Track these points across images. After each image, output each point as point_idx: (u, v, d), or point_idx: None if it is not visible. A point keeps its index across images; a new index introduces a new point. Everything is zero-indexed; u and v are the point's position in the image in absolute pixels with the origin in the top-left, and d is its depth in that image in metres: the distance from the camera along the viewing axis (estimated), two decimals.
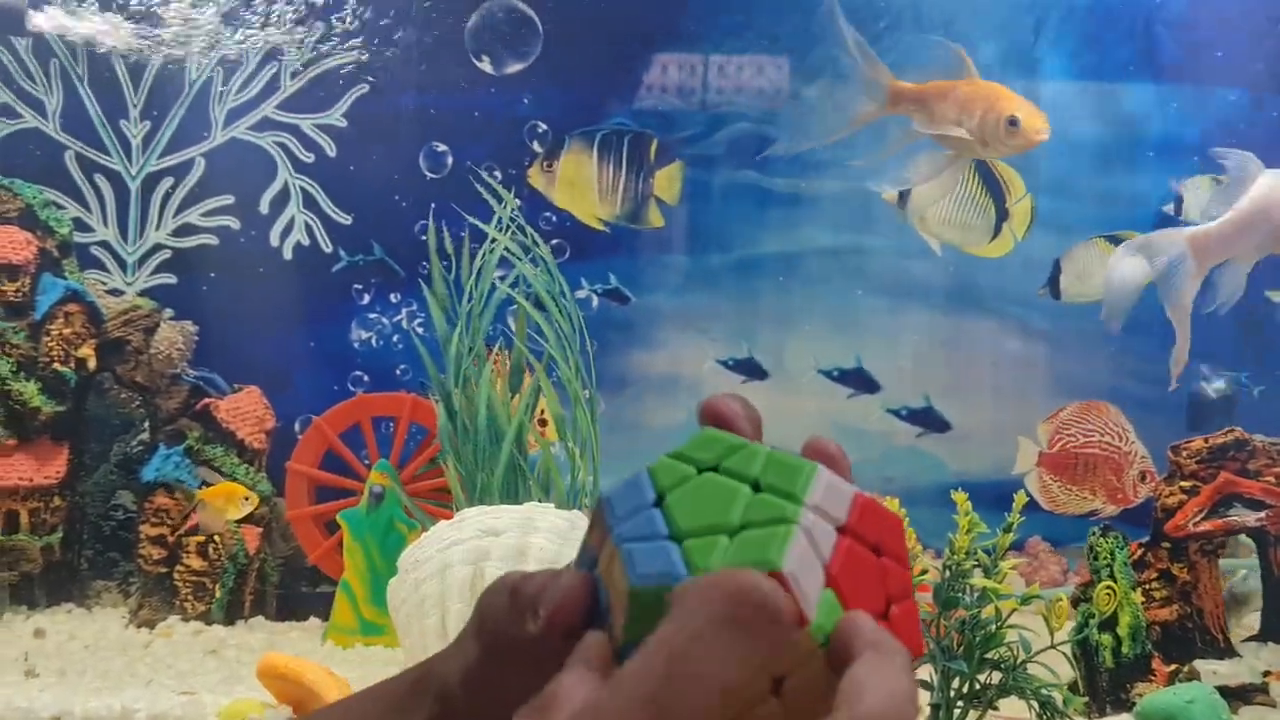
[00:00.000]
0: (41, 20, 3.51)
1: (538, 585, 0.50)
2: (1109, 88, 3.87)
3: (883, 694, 0.41)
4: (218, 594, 3.18)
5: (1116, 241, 3.51)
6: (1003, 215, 3.47)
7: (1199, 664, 2.70)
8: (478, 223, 2.93)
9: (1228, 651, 2.83)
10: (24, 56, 3.68)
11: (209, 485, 3.23)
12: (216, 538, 3.18)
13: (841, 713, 0.41)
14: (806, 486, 0.46)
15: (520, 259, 2.91)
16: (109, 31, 3.59)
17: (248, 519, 3.21)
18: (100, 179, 3.76)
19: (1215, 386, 3.82)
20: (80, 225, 3.66)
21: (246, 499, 3.13)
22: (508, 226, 3.00)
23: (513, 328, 3.13)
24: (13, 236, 3.30)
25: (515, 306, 3.02)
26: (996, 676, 2.31)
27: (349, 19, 3.72)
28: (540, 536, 2.44)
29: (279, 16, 3.70)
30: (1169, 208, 3.62)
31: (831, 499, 0.46)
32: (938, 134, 3.06)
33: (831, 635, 0.43)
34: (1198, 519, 2.84)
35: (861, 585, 0.45)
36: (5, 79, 3.67)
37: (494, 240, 2.92)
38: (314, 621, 3.24)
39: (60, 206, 3.55)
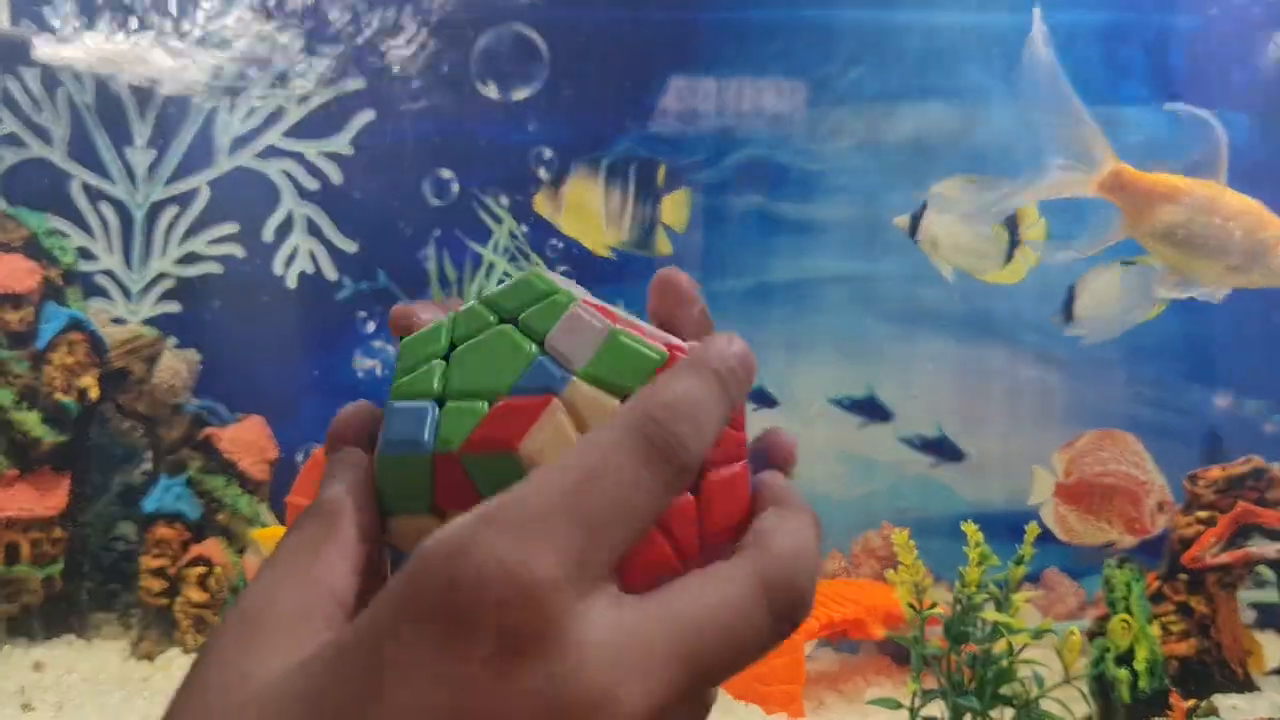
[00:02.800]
0: (49, 50, 3.51)
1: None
2: (1121, 111, 3.83)
3: (790, 540, 0.43)
4: None
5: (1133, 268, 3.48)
6: (1015, 241, 3.44)
7: (1218, 699, 2.65)
8: (479, 248, 2.91)
9: (1247, 686, 2.78)
10: (31, 85, 3.69)
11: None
12: (218, 569, 3.15)
13: (750, 551, 0.42)
14: (588, 358, 0.42)
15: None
16: (116, 60, 3.59)
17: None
18: (105, 207, 3.75)
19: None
20: (85, 253, 3.66)
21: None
22: (509, 252, 2.97)
23: None
24: (16, 265, 3.30)
25: None
26: (1009, 713, 2.27)
27: (355, 46, 3.71)
28: None
29: (285, 44, 3.70)
30: None
31: (619, 371, 0.42)
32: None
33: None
34: (1215, 550, 2.79)
35: None
36: (12, 108, 3.67)
37: (488, 263, 2.89)
38: None
39: (64, 235, 3.55)
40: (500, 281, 3.08)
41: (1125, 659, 2.58)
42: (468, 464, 0.41)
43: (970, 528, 2.35)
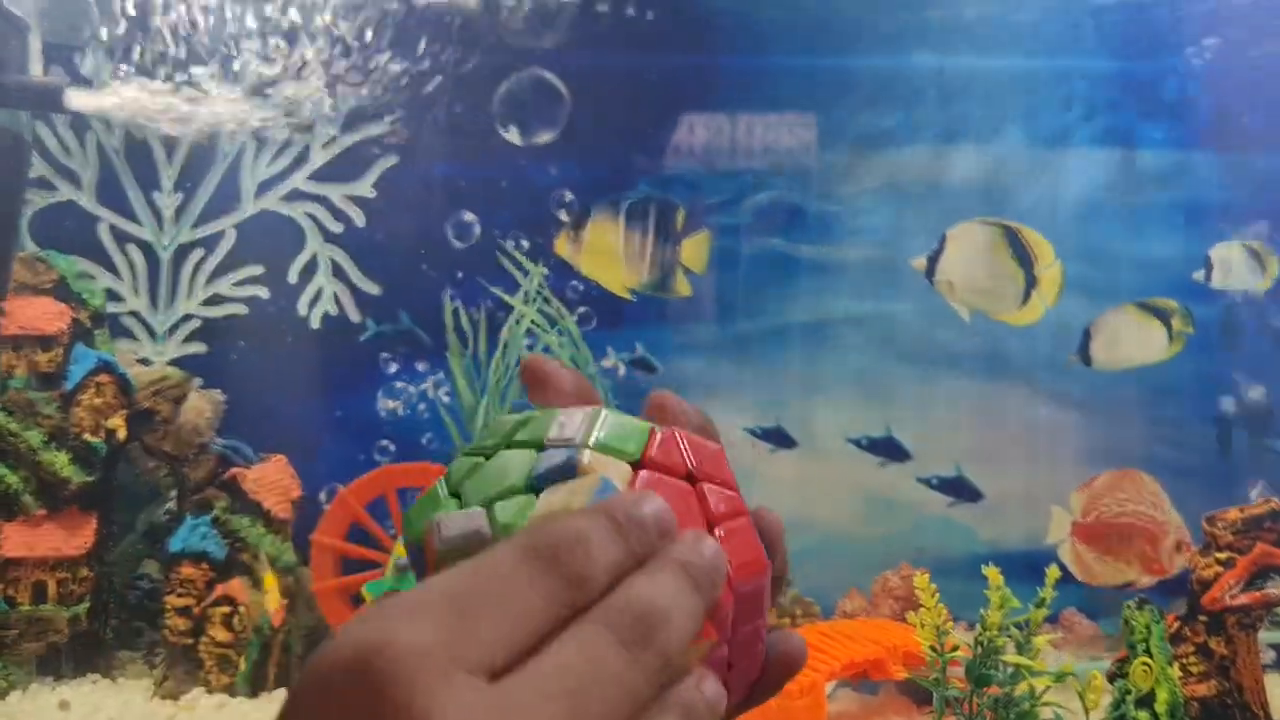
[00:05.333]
0: (80, 97, 3.57)
1: None
2: (1138, 154, 3.87)
3: (644, 583, 0.42)
4: (242, 666, 3.16)
5: (1147, 308, 3.50)
6: (1031, 282, 3.46)
7: None
8: (503, 295, 2.94)
9: None
10: (61, 131, 3.75)
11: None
12: (241, 609, 3.17)
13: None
14: (589, 434, 0.47)
15: (546, 330, 2.92)
16: (144, 106, 3.64)
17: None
18: (133, 250, 3.80)
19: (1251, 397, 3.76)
20: (112, 295, 3.70)
21: (267, 592, 3.14)
22: (533, 298, 3.01)
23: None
24: (47, 308, 3.35)
25: None
26: None
27: (379, 91, 3.77)
28: None
29: (310, 90, 3.75)
30: (1199, 274, 3.59)
31: (619, 438, 0.47)
32: None
33: None
34: (1234, 592, 2.78)
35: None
36: (42, 153, 3.73)
37: (519, 313, 2.92)
38: None
39: (93, 278, 3.59)
40: (527, 331, 3.11)
41: (1146, 701, 2.57)
42: None
43: (991, 571, 2.36)
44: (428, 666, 0.37)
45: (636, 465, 0.47)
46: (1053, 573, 2.40)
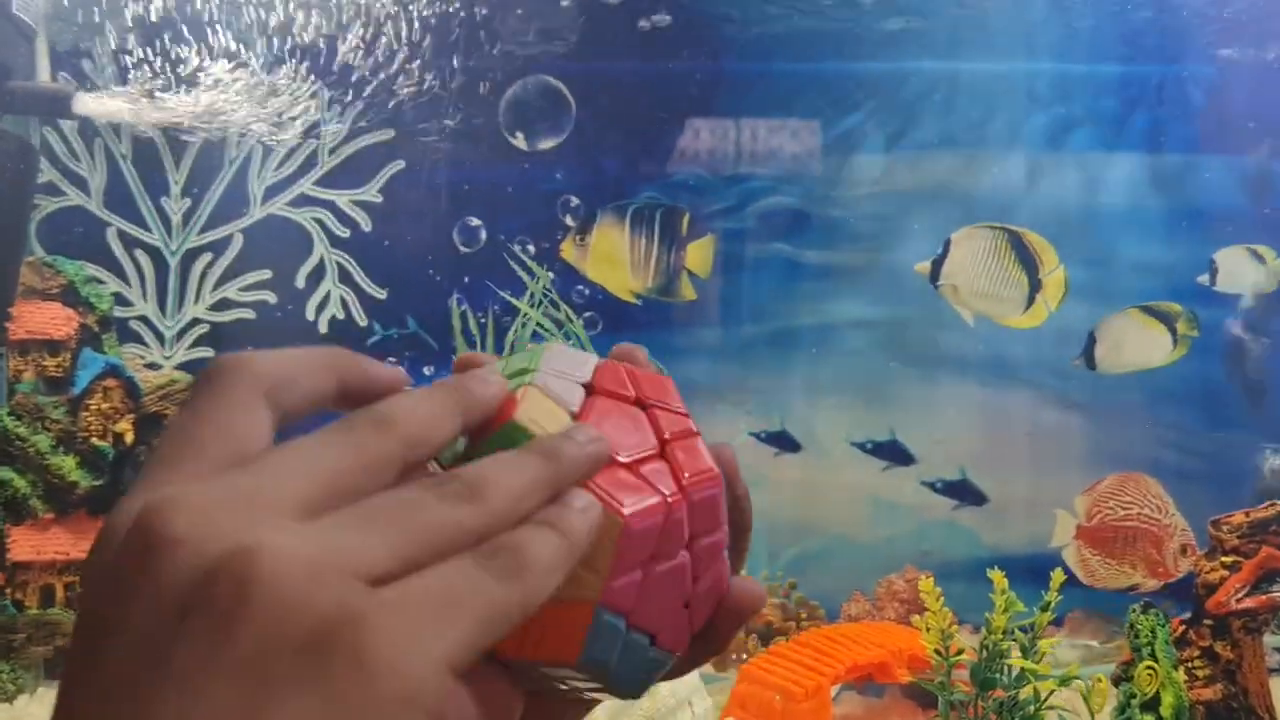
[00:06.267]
0: (88, 102, 3.58)
1: None
2: (1142, 158, 3.87)
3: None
4: None
5: (1151, 312, 3.51)
6: (1035, 286, 3.46)
7: None
8: (511, 298, 2.96)
9: None
10: (69, 136, 3.76)
11: None
12: None
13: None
14: (537, 360, 0.49)
15: (553, 334, 2.93)
16: (152, 111, 3.66)
17: None
18: (141, 255, 3.81)
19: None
20: (120, 300, 3.71)
21: None
22: (539, 302, 3.02)
23: None
24: (54, 313, 3.36)
25: None
26: None
27: (385, 96, 3.78)
28: None
29: (317, 94, 3.76)
30: (1203, 278, 3.60)
31: (567, 365, 0.49)
32: None
33: None
34: (1240, 595, 2.79)
35: (619, 427, 0.47)
36: (51, 158, 3.74)
37: (526, 316, 2.93)
38: None
39: (101, 282, 3.61)
40: (533, 335, 3.12)
41: (1151, 705, 2.58)
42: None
43: (997, 575, 2.37)
44: (169, 488, 0.37)
45: (587, 387, 0.49)
46: (1057, 576, 2.41)
